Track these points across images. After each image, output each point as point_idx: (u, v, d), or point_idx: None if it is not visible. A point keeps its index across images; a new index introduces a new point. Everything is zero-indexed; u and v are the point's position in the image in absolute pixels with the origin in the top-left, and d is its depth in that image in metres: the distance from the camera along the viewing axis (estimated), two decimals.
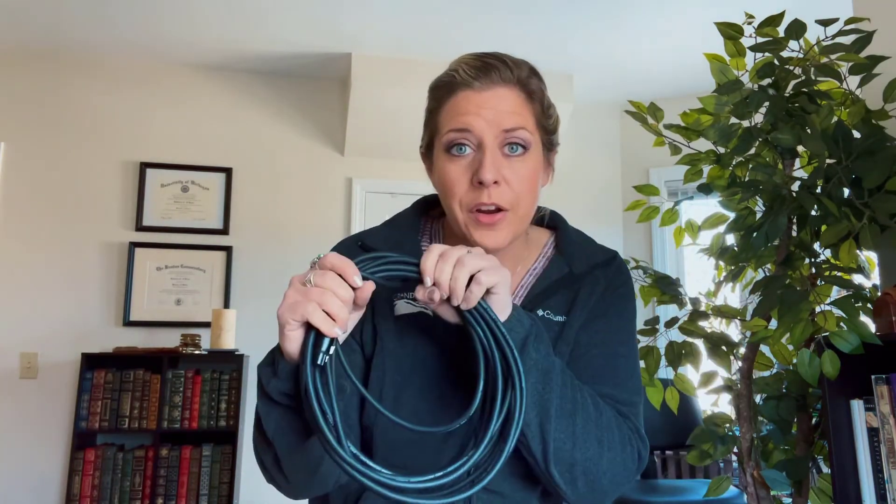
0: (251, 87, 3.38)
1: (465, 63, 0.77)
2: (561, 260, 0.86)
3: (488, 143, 0.74)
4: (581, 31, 2.96)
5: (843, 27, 1.40)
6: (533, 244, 0.89)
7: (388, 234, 0.85)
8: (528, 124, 0.76)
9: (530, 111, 0.78)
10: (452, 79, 0.77)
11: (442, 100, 0.78)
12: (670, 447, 3.04)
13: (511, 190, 0.75)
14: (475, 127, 0.74)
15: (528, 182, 0.76)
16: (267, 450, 0.70)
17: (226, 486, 2.79)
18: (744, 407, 1.56)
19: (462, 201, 0.76)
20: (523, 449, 0.70)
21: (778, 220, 1.41)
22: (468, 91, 0.76)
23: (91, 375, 2.77)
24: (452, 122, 0.76)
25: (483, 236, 0.75)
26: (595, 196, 3.62)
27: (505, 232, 0.76)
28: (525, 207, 0.77)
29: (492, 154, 0.74)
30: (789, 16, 1.45)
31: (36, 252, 3.01)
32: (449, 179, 0.76)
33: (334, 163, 3.40)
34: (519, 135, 0.75)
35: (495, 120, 0.74)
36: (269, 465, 0.71)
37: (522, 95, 0.77)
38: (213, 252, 3.17)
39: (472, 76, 0.75)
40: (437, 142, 0.79)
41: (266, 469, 0.73)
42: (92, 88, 3.20)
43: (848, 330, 1.27)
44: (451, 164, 0.76)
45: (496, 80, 0.76)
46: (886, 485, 1.25)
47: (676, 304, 1.69)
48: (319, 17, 2.86)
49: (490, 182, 0.73)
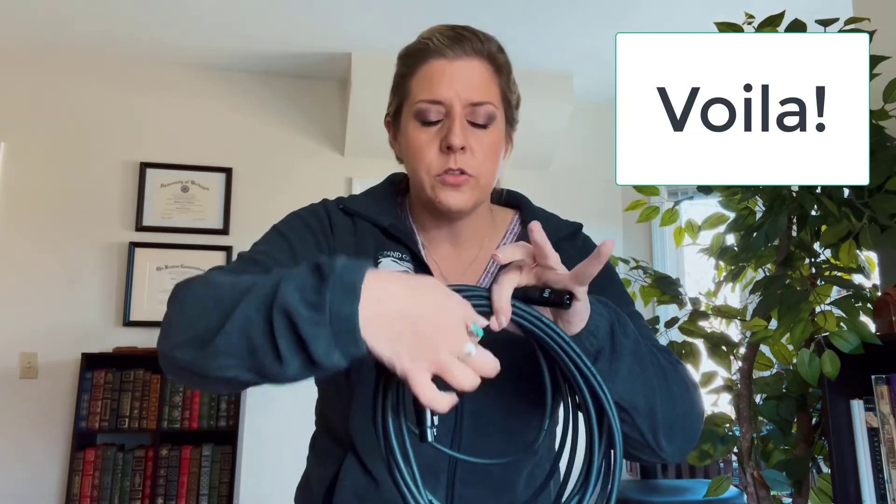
0: (251, 87, 3.38)
1: (438, 32, 0.80)
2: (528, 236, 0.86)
3: (457, 111, 0.77)
4: (581, 31, 2.96)
5: (843, 27, 1.40)
6: (499, 223, 0.91)
7: (371, 201, 0.87)
8: (494, 99, 0.80)
9: (497, 85, 0.81)
10: (426, 46, 0.79)
11: (414, 66, 0.80)
12: None
13: (475, 158, 0.78)
14: (446, 97, 0.77)
15: (491, 152, 0.80)
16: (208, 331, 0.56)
17: (226, 486, 2.79)
18: (744, 407, 1.56)
19: (430, 167, 0.78)
20: (628, 428, 0.69)
21: (778, 220, 1.41)
22: (441, 60, 0.78)
23: (91, 375, 2.77)
24: (424, 91, 0.78)
25: (448, 196, 0.78)
26: (595, 196, 3.61)
27: (468, 195, 0.79)
28: (486, 177, 0.80)
29: (460, 121, 0.77)
30: (789, 16, 1.44)
31: (36, 252, 3.01)
32: (417, 145, 0.79)
33: (334, 163, 3.39)
34: (485, 109, 0.78)
35: (465, 93, 0.77)
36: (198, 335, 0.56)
37: (491, 69, 0.80)
38: (213, 252, 3.17)
39: (446, 45, 0.78)
40: (405, 108, 0.81)
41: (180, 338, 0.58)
42: (92, 88, 3.20)
43: (848, 330, 1.28)
44: (420, 131, 0.79)
45: (468, 51, 0.79)
46: (886, 485, 1.25)
47: (676, 304, 1.69)
48: (319, 17, 2.86)
49: (458, 147, 0.76)
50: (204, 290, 0.60)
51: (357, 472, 0.77)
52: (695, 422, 0.75)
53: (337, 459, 0.79)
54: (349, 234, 0.83)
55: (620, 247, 3.62)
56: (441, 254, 0.87)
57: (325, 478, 0.80)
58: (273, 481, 2.94)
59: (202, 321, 0.56)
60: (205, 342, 0.55)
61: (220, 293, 0.57)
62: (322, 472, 0.81)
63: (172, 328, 0.60)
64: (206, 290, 0.60)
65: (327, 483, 0.79)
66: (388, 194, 0.90)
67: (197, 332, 0.56)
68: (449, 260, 0.86)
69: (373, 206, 0.86)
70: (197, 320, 0.57)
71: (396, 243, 0.83)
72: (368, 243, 0.83)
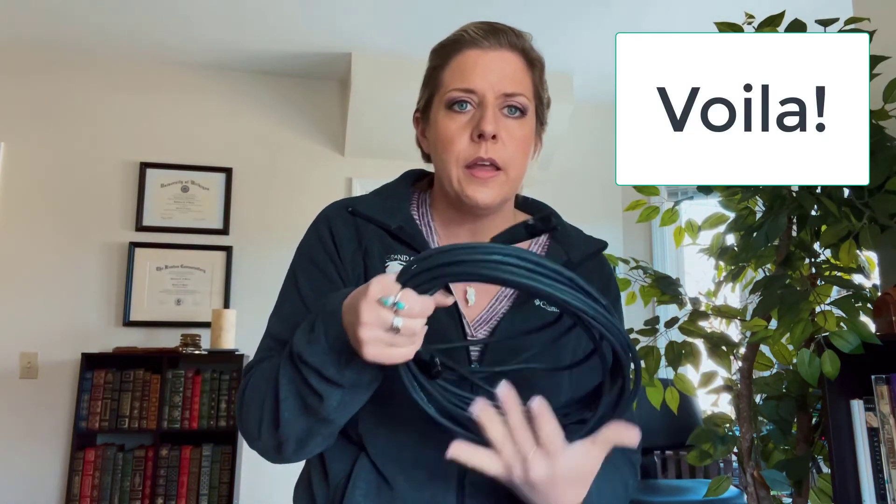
0: (251, 87, 3.38)
1: (473, 26, 0.80)
2: (558, 248, 0.86)
3: (490, 101, 0.76)
4: (581, 31, 2.97)
5: (843, 27, 1.40)
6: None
7: (380, 202, 0.85)
8: (527, 91, 0.79)
9: (530, 78, 0.80)
10: (461, 37, 0.80)
11: (448, 56, 0.80)
12: (670, 447, 3.04)
13: (506, 148, 0.77)
14: (479, 87, 0.76)
15: (523, 144, 0.79)
16: (271, 425, 0.70)
17: (226, 486, 2.79)
18: (744, 407, 1.56)
19: (459, 156, 0.77)
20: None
21: (778, 220, 1.41)
22: (476, 50, 0.78)
23: (91, 375, 2.77)
24: (457, 80, 0.78)
25: (476, 191, 0.77)
26: (595, 196, 3.61)
27: (496, 191, 0.78)
28: (516, 170, 0.79)
29: (492, 110, 0.76)
30: (789, 16, 1.44)
31: (36, 252, 3.01)
32: (448, 133, 0.78)
33: (334, 163, 3.39)
34: (518, 100, 0.78)
35: (498, 83, 0.77)
36: (266, 422, 0.70)
37: (524, 62, 0.80)
38: (213, 252, 3.17)
39: (481, 36, 0.78)
40: (437, 99, 0.81)
41: (259, 435, 0.72)
42: (92, 88, 3.20)
43: (848, 330, 1.28)
44: (451, 120, 0.78)
45: (503, 43, 0.79)
46: (886, 485, 1.25)
47: (676, 304, 1.69)
48: (319, 16, 2.86)
49: (490, 135, 0.75)
50: (255, 391, 0.73)
51: (371, 473, 0.75)
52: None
53: (349, 458, 0.77)
54: (353, 241, 0.82)
55: (620, 247, 3.62)
56: None
57: (335, 476, 0.77)
58: (273, 481, 2.94)
59: (266, 415, 0.69)
60: (275, 422, 0.68)
61: (267, 379, 0.70)
62: (332, 470, 0.78)
63: (249, 435, 0.73)
64: (256, 390, 0.73)
65: (336, 482, 0.76)
66: (401, 192, 0.88)
67: (267, 421, 0.69)
68: None
69: (381, 207, 0.84)
70: (262, 418, 0.70)
71: (405, 246, 0.82)
72: (374, 248, 0.81)
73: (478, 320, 0.81)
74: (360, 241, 0.82)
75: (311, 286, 0.80)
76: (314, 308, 0.74)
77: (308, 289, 0.80)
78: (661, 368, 1.65)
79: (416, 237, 0.82)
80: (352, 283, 0.79)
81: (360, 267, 0.80)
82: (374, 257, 0.80)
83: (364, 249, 0.81)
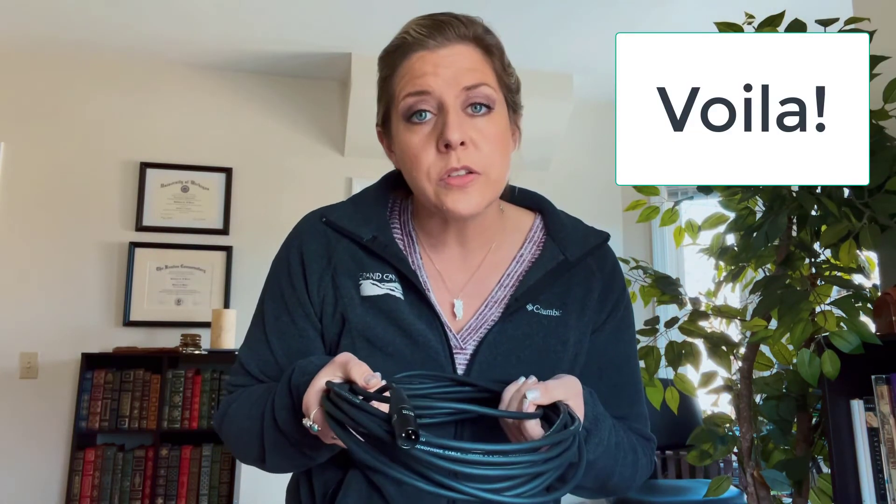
0: (251, 87, 3.38)
1: (415, 24, 0.73)
2: (554, 246, 0.79)
3: (450, 102, 0.68)
4: (581, 31, 2.96)
5: (843, 27, 1.40)
6: (513, 226, 0.83)
7: (354, 210, 0.80)
8: (489, 80, 0.71)
9: (490, 67, 0.72)
10: (404, 41, 0.72)
11: (395, 65, 0.73)
12: (670, 447, 3.04)
13: (479, 151, 0.69)
14: (434, 87, 0.69)
15: (497, 142, 0.71)
16: (253, 452, 0.73)
17: (226, 486, 2.79)
18: (744, 407, 1.56)
19: (430, 172, 0.69)
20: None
21: (778, 220, 1.41)
22: (423, 51, 0.70)
23: (91, 375, 2.77)
24: (409, 85, 0.70)
25: (456, 201, 0.69)
26: (595, 196, 3.61)
27: (478, 196, 0.70)
28: (497, 170, 0.71)
29: (455, 114, 0.68)
30: (789, 16, 1.44)
31: (36, 252, 3.01)
32: (412, 149, 0.70)
33: (334, 163, 3.39)
34: (482, 91, 0.70)
35: (455, 78, 0.69)
36: (252, 459, 0.75)
37: (480, 51, 0.72)
38: (213, 252, 3.17)
39: (425, 34, 0.70)
40: (394, 112, 0.73)
41: (242, 457, 0.77)
42: (92, 88, 3.20)
43: (848, 330, 1.28)
44: (412, 133, 0.70)
45: (451, 37, 0.71)
46: (886, 485, 1.25)
47: (676, 304, 1.69)
48: (319, 17, 2.86)
49: (457, 143, 0.67)
50: (233, 429, 0.76)
51: (362, 484, 0.72)
52: (624, 489, 0.78)
53: (338, 468, 0.74)
54: (322, 257, 0.77)
55: (620, 247, 3.62)
56: (447, 256, 0.79)
57: (325, 484, 0.75)
58: (273, 481, 2.93)
59: (251, 453, 0.73)
60: (261, 461, 0.72)
61: (249, 431, 0.72)
62: (322, 478, 0.76)
63: (237, 454, 0.78)
64: (234, 428, 0.76)
65: (323, 490, 0.75)
66: (378, 198, 0.82)
67: (253, 459, 0.73)
68: (454, 263, 0.79)
69: (354, 217, 0.78)
70: (247, 453, 0.74)
71: (379, 260, 0.76)
72: (344, 265, 0.76)
73: (466, 329, 0.76)
74: (330, 257, 0.76)
75: (274, 315, 0.79)
76: (274, 341, 0.77)
77: (271, 317, 0.79)
78: (661, 368, 1.65)
79: (389, 248, 0.75)
80: (317, 307, 0.76)
81: (327, 287, 0.76)
82: (345, 276, 0.75)
83: (333, 268, 0.76)
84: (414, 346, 0.73)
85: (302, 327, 0.77)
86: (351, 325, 0.74)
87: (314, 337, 0.77)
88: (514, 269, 0.79)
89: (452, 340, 0.75)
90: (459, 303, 0.77)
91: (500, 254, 0.80)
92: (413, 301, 0.74)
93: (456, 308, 0.77)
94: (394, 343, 0.73)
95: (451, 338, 0.75)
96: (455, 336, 0.75)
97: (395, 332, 0.73)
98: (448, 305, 0.77)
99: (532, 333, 0.75)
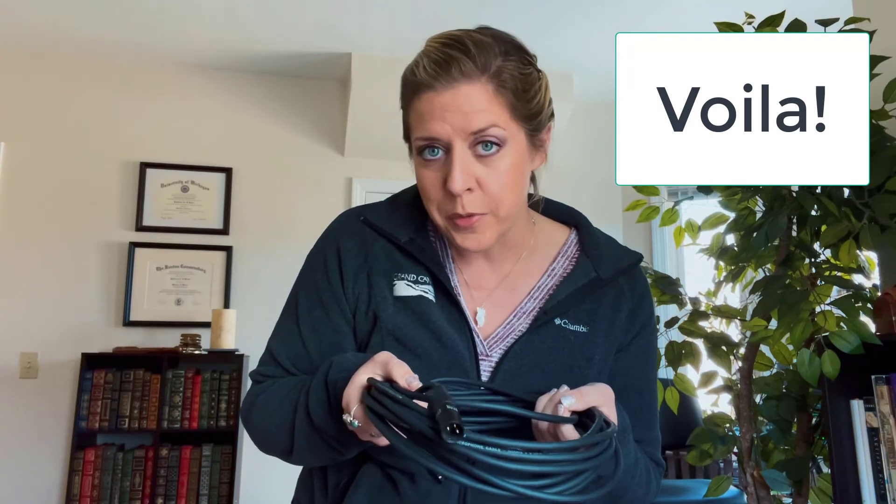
0: (251, 87, 3.38)
1: (426, 56, 0.71)
2: (587, 263, 0.81)
3: (457, 147, 0.69)
4: (581, 31, 2.97)
5: (843, 27, 1.40)
6: (546, 239, 0.84)
7: (393, 211, 0.82)
8: (499, 119, 0.69)
9: (502, 104, 0.70)
10: (413, 78, 0.72)
11: (408, 100, 0.74)
12: (670, 447, 3.04)
13: (485, 194, 0.70)
14: (441, 134, 0.69)
15: (508, 176, 0.70)
16: (282, 446, 0.74)
17: (226, 486, 2.79)
18: (744, 407, 1.56)
19: (439, 208, 0.72)
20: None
21: (778, 220, 1.41)
22: (430, 93, 0.70)
23: (91, 375, 2.77)
24: (419, 129, 0.71)
25: (465, 239, 0.72)
26: (595, 196, 3.61)
27: (488, 233, 0.72)
28: (506, 207, 0.72)
29: (460, 160, 0.68)
30: (789, 16, 1.44)
31: (36, 252, 3.01)
32: (424, 185, 0.73)
33: (334, 163, 3.40)
34: (490, 133, 0.69)
35: (462, 123, 0.68)
36: (278, 452, 0.75)
37: (490, 87, 0.69)
38: (213, 252, 3.17)
39: (432, 75, 0.69)
40: (411, 137, 0.75)
41: (268, 450, 0.77)
42: (92, 88, 3.20)
43: (848, 330, 1.28)
44: (425, 168, 0.72)
45: (457, 77, 0.68)
46: (886, 485, 1.25)
47: (676, 304, 1.69)
48: (319, 17, 2.86)
49: (460, 192, 0.69)
50: (262, 420, 0.76)
51: (374, 477, 0.74)
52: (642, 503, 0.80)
53: (354, 461, 0.75)
54: (359, 255, 0.79)
55: None
56: (474, 269, 0.81)
57: (338, 476, 0.76)
58: (273, 481, 2.94)
59: (278, 445, 0.74)
60: (288, 453, 0.73)
61: (279, 425, 0.73)
62: (336, 470, 0.77)
63: (262, 446, 0.78)
64: (262, 420, 0.76)
65: (336, 482, 0.76)
66: (415, 202, 0.81)
67: (280, 452, 0.74)
68: (482, 275, 0.81)
69: (392, 217, 0.80)
70: (274, 446, 0.75)
71: (414, 261, 0.78)
72: (380, 265, 0.78)
73: (493, 337, 0.77)
74: (367, 256, 0.79)
75: (308, 308, 0.80)
76: (307, 333, 0.78)
77: (305, 311, 0.80)
78: (661, 368, 1.65)
79: (425, 251, 0.78)
80: (351, 304, 0.78)
81: (362, 285, 0.78)
82: (380, 275, 0.77)
83: (369, 266, 0.78)
84: (442, 349, 0.74)
85: (336, 322, 0.78)
86: (382, 323, 0.75)
87: (347, 332, 0.78)
88: (546, 282, 0.81)
89: (479, 347, 0.76)
90: (482, 311, 0.79)
91: (530, 265, 0.82)
92: (444, 305, 0.76)
93: (478, 316, 0.78)
94: (423, 344, 0.74)
95: (479, 343, 0.76)
96: (482, 342, 0.77)
97: (425, 333, 0.75)
98: (471, 312, 0.79)
99: (558, 347, 0.76)
